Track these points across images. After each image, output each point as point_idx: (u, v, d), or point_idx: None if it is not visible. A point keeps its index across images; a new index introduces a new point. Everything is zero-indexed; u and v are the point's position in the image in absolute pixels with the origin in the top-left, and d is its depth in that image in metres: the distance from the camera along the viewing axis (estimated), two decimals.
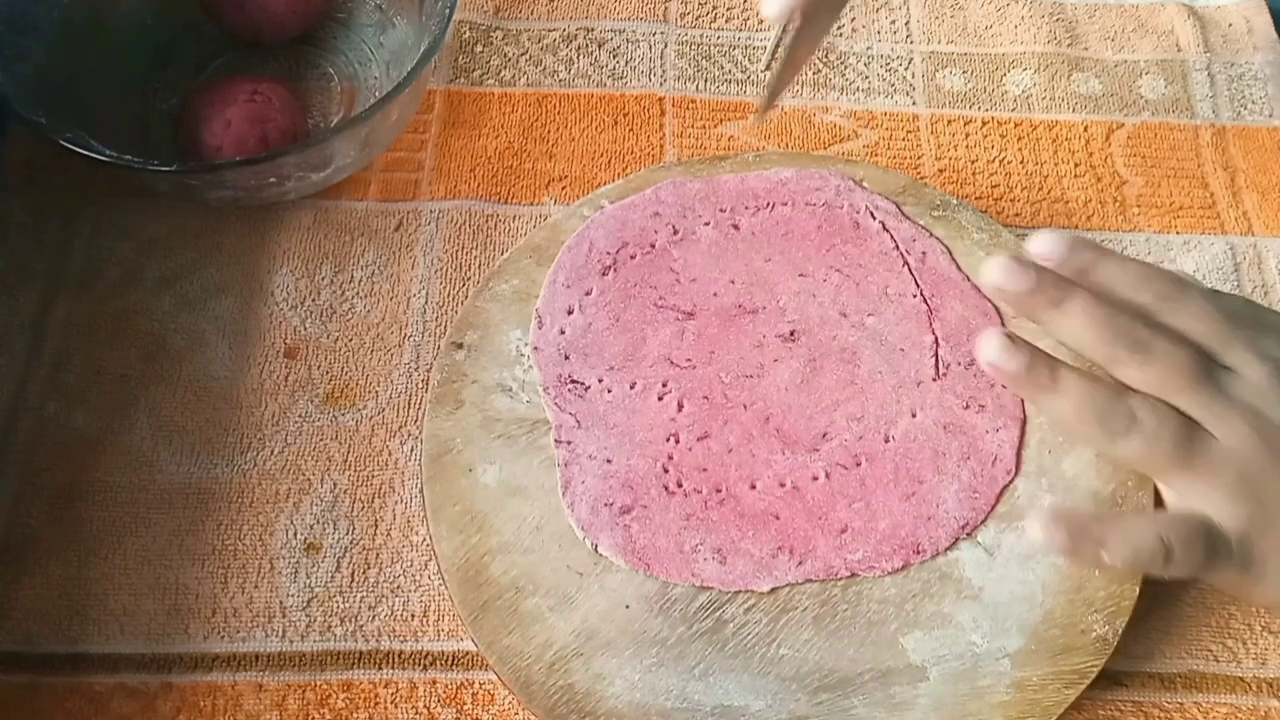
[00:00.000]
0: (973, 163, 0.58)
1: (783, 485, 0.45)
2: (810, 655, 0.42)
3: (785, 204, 0.52)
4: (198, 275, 0.53)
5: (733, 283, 0.50)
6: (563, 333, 0.48)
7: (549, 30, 0.62)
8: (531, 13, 0.63)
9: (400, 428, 0.49)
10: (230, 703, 0.43)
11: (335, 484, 0.48)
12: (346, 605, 0.45)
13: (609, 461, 0.45)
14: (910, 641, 0.42)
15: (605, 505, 0.44)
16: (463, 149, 0.58)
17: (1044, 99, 0.61)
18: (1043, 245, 0.43)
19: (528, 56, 0.61)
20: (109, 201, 0.54)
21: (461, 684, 0.44)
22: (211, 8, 0.57)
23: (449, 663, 0.44)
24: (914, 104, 0.61)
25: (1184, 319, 0.41)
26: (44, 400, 0.49)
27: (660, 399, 0.47)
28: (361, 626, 0.45)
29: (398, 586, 0.46)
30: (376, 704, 0.43)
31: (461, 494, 0.44)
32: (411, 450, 0.49)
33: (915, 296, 0.50)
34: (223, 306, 0.52)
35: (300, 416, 0.49)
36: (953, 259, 0.51)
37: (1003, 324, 0.49)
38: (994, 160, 0.58)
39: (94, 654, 0.44)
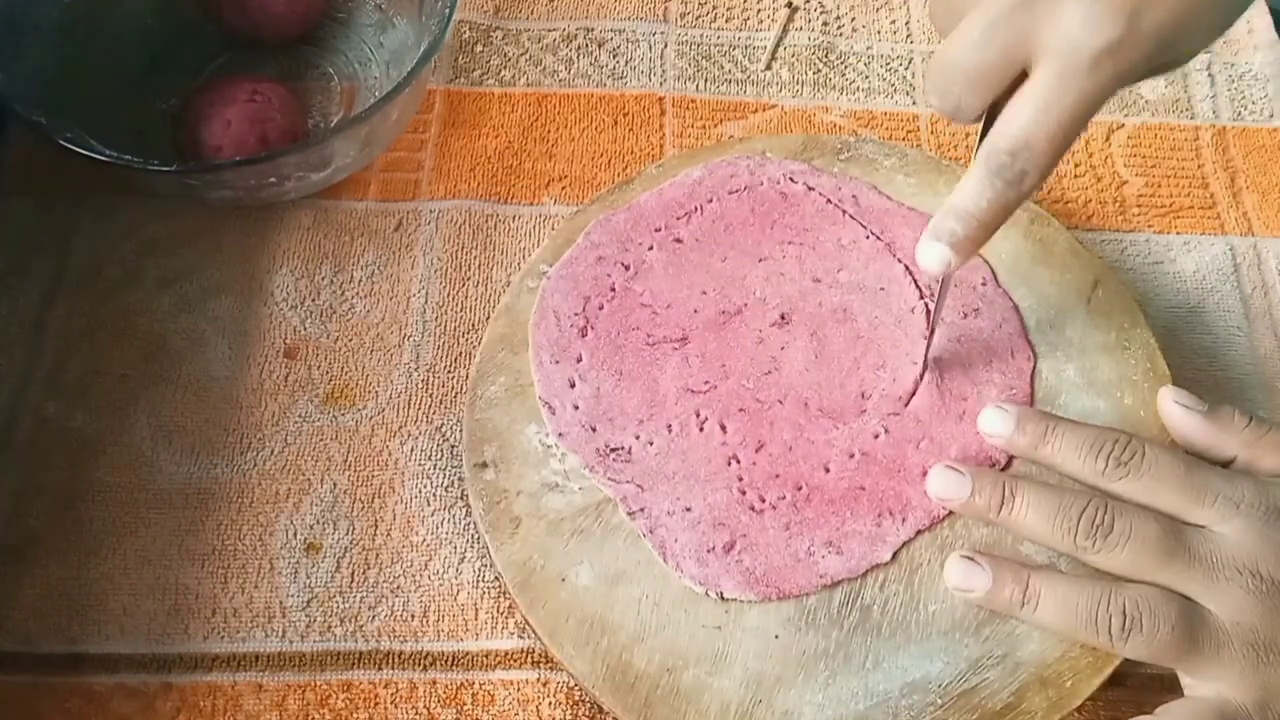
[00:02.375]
0: None
1: (852, 457, 0.45)
2: (956, 600, 0.42)
3: (710, 201, 0.52)
4: (198, 275, 0.53)
5: (704, 293, 0.49)
6: (576, 408, 0.46)
7: (549, 30, 0.62)
8: (531, 13, 0.63)
9: (400, 428, 0.49)
10: (230, 703, 0.43)
11: (335, 484, 0.48)
12: (346, 605, 0.45)
13: (689, 509, 0.44)
14: (1030, 545, 0.43)
15: (708, 551, 0.43)
16: (463, 149, 0.58)
17: None
18: (989, 424, 0.43)
19: (528, 56, 0.61)
20: (109, 201, 0.54)
21: (461, 684, 0.44)
22: (211, 8, 0.57)
23: (449, 663, 0.44)
24: (914, 104, 0.61)
25: (1143, 483, 0.40)
26: (44, 400, 0.49)
27: (702, 429, 0.46)
28: (361, 627, 0.45)
29: (398, 587, 0.46)
30: (376, 704, 0.43)
31: (567, 607, 0.42)
32: (411, 450, 0.49)
33: (868, 238, 0.51)
34: (223, 306, 0.52)
35: (300, 416, 0.49)
36: (880, 192, 0.52)
37: None
38: None
39: (94, 654, 0.44)
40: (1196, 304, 0.54)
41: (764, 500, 0.45)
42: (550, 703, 0.43)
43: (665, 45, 0.62)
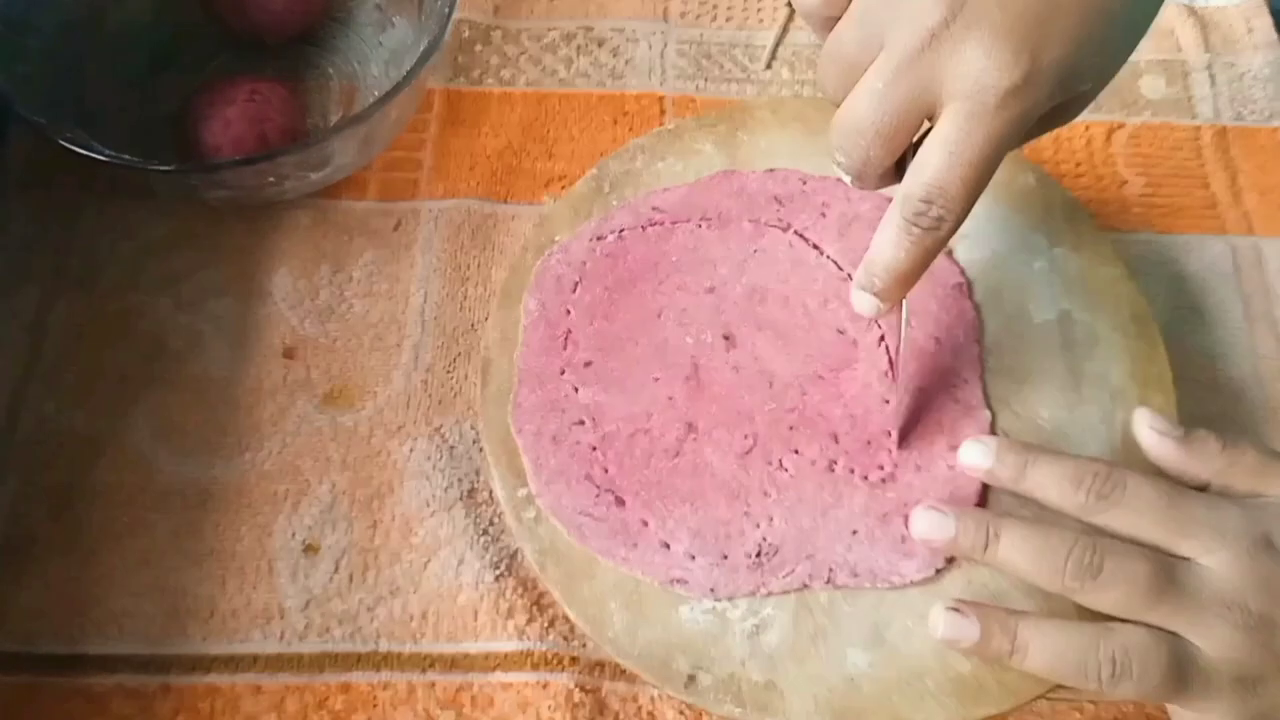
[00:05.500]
0: None
1: (888, 374, 0.47)
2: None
3: (568, 312, 0.49)
4: (198, 275, 0.53)
5: (656, 379, 0.47)
6: (693, 558, 0.44)
7: (549, 29, 0.62)
8: (531, 12, 0.63)
9: (399, 428, 0.49)
10: (229, 704, 0.43)
11: (334, 485, 0.48)
12: (345, 607, 0.45)
13: (855, 532, 0.43)
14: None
15: (903, 541, 0.43)
16: (462, 148, 0.58)
17: None
18: (970, 456, 0.43)
19: (527, 56, 0.61)
20: (109, 201, 0.54)
21: (460, 686, 0.44)
22: (211, 8, 0.57)
23: (448, 665, 0.44)
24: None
25: (1126, 515, 0.40)
26: (44, 400, 0.49)
27: (787, 470, 0.45)
28: (360, 628, 0.45)
29: (396, 588, 0.46)
30: (375, 706, 0.43)
31: (893, 684, 0.41)
32: (410, 451, 0.49)
33: (699, 227, 0.51)
34: (222, 306, 0.52)
35: (299, 417, 0.49)
36: (665, 190, 0.52)
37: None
38: None
39: (94, 655, 0.44)
40: (1196, 304, 0.54)
41: (883, 468, 0.45)
42: (550, 705, 0.43)
43: (665, 45, 0.62)
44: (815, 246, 0.50)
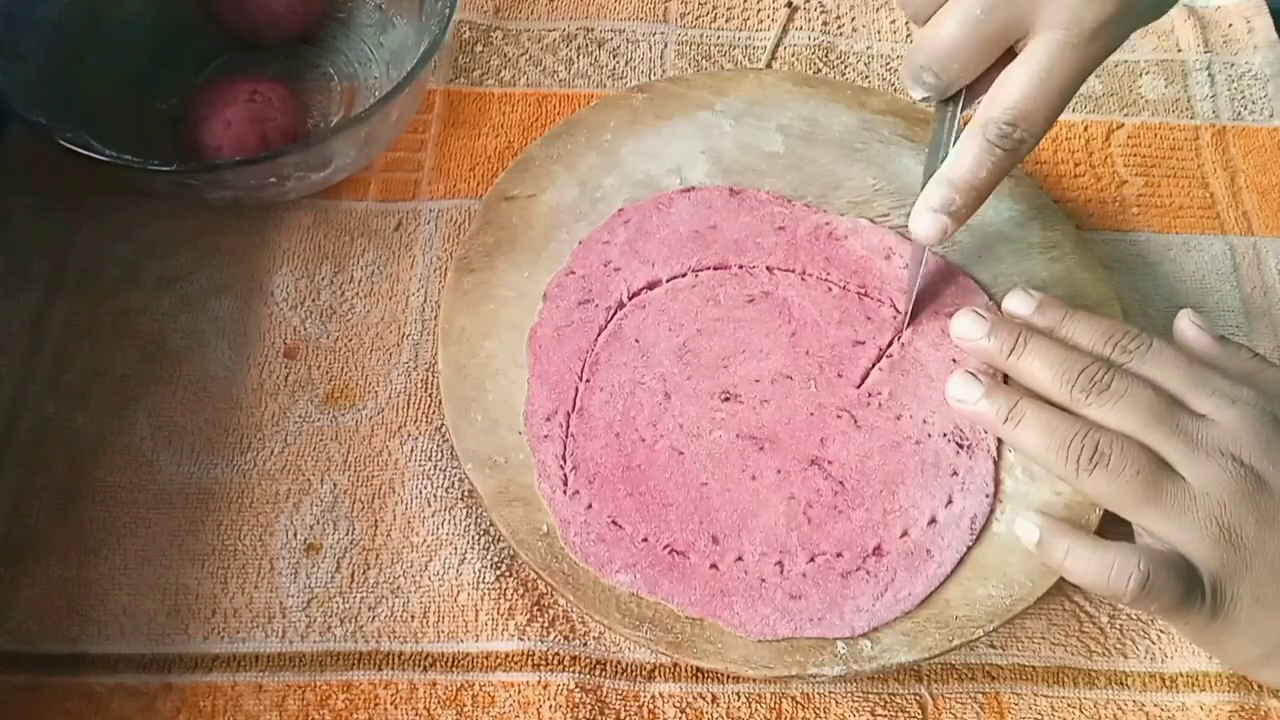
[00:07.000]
0: None
1: (884, 363, 0.48)
2: None
3: (588, 374, 0.49)
4: (198, 275, 0.53)
5: (714, 412, 0.48)
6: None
7: (549, 30, 0.62)
8: (531, 13, 0.63)
9: (400, 428, 0.49)
10: (230, 703, 0.43)
11: (335, 484, 0.48)
12: (346, 606, 0.45)
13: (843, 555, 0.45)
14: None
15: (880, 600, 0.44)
16: (462, 149, 0.58)
17: None
18: (1013, 302, 0.46)
19: (528, 56, 0.61)
20: (109, 201, 0.54)
21: (461, 685, 0.44)
22: (211, 8, 0.57)
23: (449, 664, 0.44)
24: (914, 103, 0.60)
25: (1149, 368, 0.42)
26: (44, 400, 0.49)
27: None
28: (361, 627, 0.45)
29: (397, 587, 0.46)
30: (376, 705, 0.43)
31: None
32: (411, 450, 0.49)
33: (677, 279, 0.52)
34: (223, 306, 0.52)
35: (300, 416, 0.49)
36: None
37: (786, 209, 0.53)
38: None
39: (94, 654, 0.44)
40: (1196, 304, 0.54)
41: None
42: (551, 705, 0.43)
43: (665, 45, 0.62)
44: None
